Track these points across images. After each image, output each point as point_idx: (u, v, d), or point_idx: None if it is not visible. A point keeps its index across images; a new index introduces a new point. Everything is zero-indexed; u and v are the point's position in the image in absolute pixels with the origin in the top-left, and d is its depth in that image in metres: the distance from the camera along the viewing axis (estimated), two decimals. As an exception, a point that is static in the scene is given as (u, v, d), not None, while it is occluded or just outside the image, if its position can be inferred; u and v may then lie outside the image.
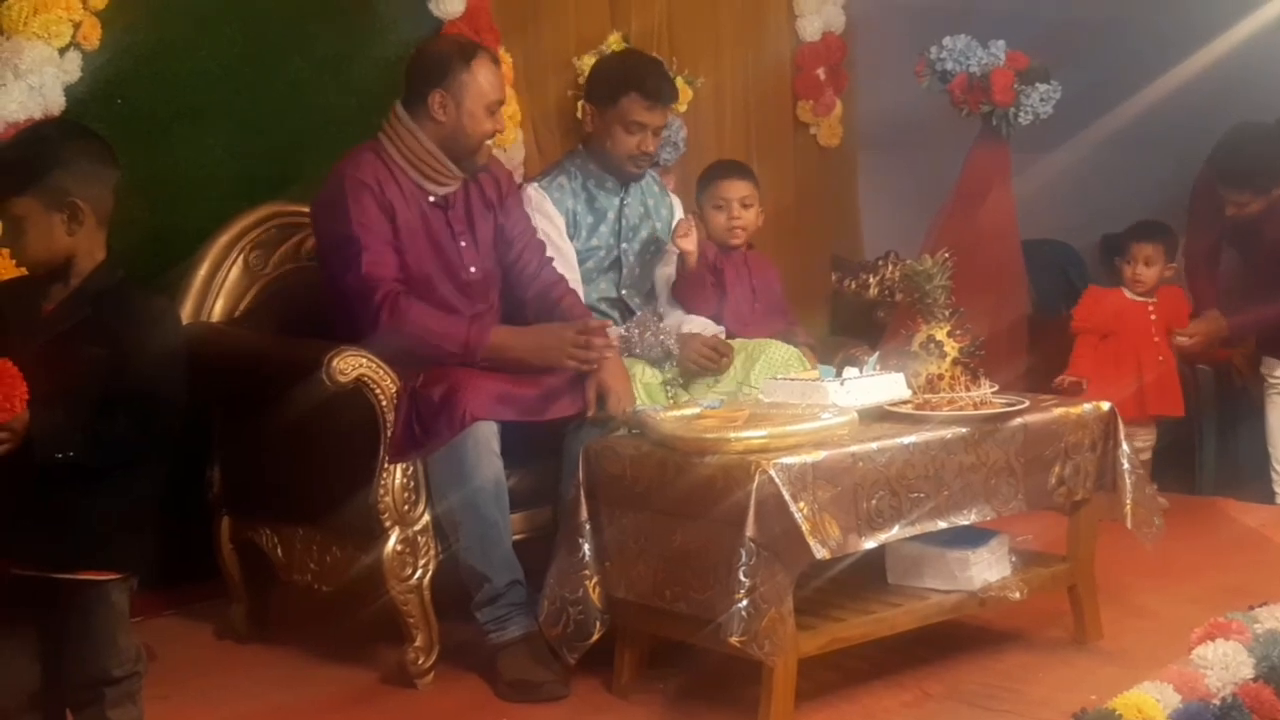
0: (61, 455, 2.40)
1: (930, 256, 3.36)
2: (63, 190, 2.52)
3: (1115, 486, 3.21)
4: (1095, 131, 4.97)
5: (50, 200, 2.51)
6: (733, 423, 2.88)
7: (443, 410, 3.05)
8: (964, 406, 3.04)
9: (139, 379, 2.47)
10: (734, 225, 3.87)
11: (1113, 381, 4.28)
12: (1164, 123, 4.96)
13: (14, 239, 2.58)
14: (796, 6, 5.24)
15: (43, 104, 3.45)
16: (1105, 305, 4.50)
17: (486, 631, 3.09)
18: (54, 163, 2.53)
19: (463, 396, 3.05)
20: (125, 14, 3.60)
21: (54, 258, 2.55)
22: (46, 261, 2.56)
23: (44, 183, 2.51)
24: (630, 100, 3.59)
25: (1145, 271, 4.46)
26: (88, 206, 2.54)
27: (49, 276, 2.58)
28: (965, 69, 4.51)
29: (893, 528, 2.85)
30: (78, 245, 2.55)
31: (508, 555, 3.09)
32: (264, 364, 3.34)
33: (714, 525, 2.73)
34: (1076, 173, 5.28)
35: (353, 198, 3.24)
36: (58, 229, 2.53)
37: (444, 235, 3.35)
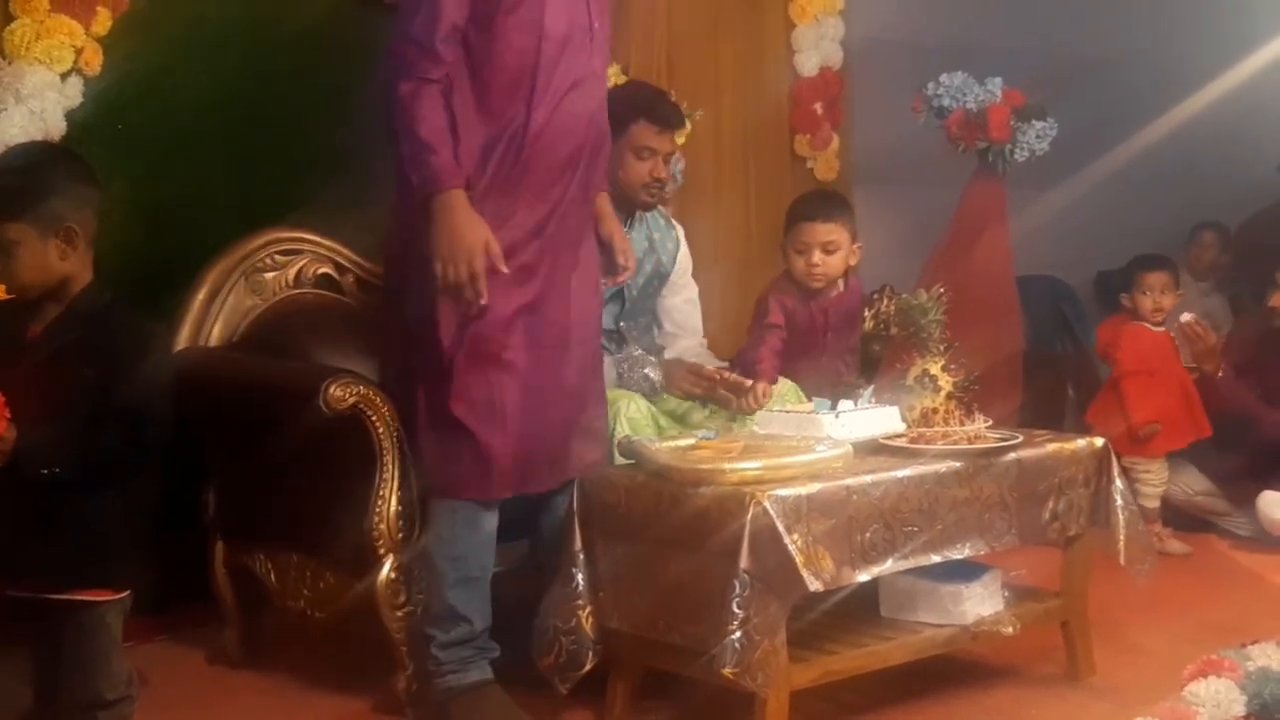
0: (48, 470, 2.41)
1: (925, 291, 3.38)
2: (58, 216, 2.54)
3: (1109, 522, 3.22)
4: (1090, 168, 5.00)
5: (45, 226, 2.53)
6: (728, 454, 2.89)
7: (472, 463, 2.91)
8: (958, 441, 3.05)
9: (126, 396, 2.49)
10: (813, 272, 3.73)
11: (1175, 419, 4.33)
12: (1159, 160, 5.00)
13: (5, 264, 2.59)
14: (794, 42, 5.27)
15: (44, 128, 3.46)
16: (1144, 342, 4.49)
17: (444, 672, 2.98)
18: (48, 189, 2.54)
19: (498, 461, 2.92)
20: (127, 40, 3.62)
21: (48, 282, 2.56)
22: (40, 285, 2.57)
23: (38, 209, 2.52)
24: (640, 127, 3.58)
25: (1163, 299, 4.46)
26: (80, 230, 2.56)
27: (39, 299, 2.59)
28: (962, 105, 4.54)
29: (886, 561, 2.85)
30: (70, 269, 2.57)
31: (488, 600, 3.04)
32: (260, 389, 3.34)
33: (708, 556, 2.73)
34: (1072, 209, 5.30)
35: None
36: (52, 254, 2.54)
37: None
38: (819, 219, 3.74)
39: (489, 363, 2.91)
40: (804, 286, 3.75)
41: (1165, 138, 4.87)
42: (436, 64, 2.88)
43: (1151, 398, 4.43)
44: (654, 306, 3.81)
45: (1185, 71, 4.89)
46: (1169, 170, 4.97)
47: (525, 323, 2.95)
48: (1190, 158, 4.95)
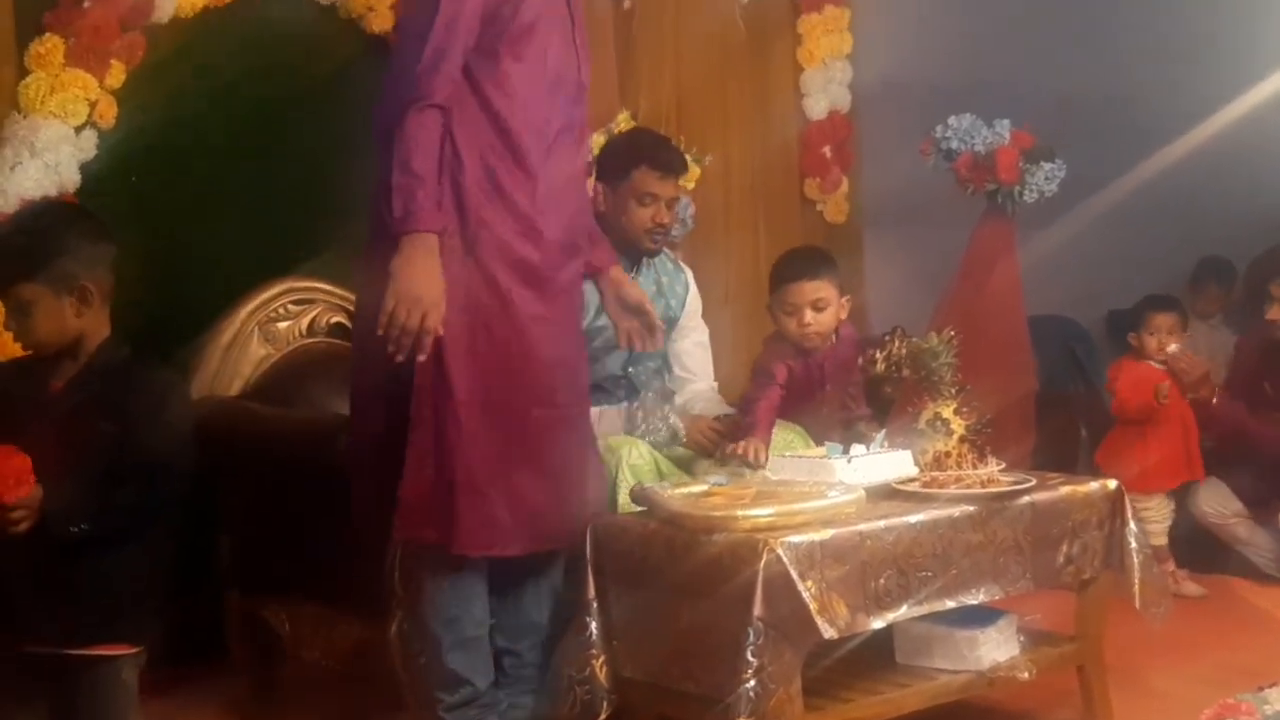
0: (76, 528, 2.43)
1: (936, 334, 3.38)
2: (72, 275, 2.56)
3: (1123, 566, 3.21)
4: (1100, 207, 5.00)
5: (60, 285, 2.55)
6: (740, 500, 2.88)
7: (469, 511, 2.81)
8: (971, 484, 3.04)
9: (147, 449, 2.51)
10: (806, 332, 3.67)
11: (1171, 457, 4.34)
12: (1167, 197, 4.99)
13: (21, 323, 2.61)
14: (803, 86, 5.31)
15: (58, 181, 3.50)
16: (1149, 384, 4.47)
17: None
18: (60, 249, 2.57)
19: (496, 512, 2.82)
20: (140, 93, 3.67)
21: (64, 340, 2.59)
22: (56, 343, 2.60)
23: (52, 268, 2.55)
24: (642, 173, 3.60)
25: (1169, 339, 4.46)
26: (95, 287, 2.58)
27: (56, 356, 2.61)
28: (970, 148, 4.55)
29: (901, 607, 2.84)
30: (86, 325, 2.59)
31: (489, 658, 3.00)
32: (276, 439, 3.36)
33: (721, 604, 2.72)
34: (1081, 248, 5.30)
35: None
36: (68, 312, 2.56)
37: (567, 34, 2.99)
38: (805, 278, 3.67)
39: (483, 418, 2.83)
40: (798, 346, 3.74)
41: (1173, 174, 4.87)
42: (441, 92, 2.78)
43: (1143, 439, 4.43)
44: (664, 350, 3.81)
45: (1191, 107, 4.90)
46: (1177, 207, 4.97)
47: (519, 378, 2.88)
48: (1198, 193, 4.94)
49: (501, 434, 2.85)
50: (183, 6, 3.69)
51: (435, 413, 2.80)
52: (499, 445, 2.85)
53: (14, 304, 2.62)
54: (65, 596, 2.46)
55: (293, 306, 3.76)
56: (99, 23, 3.51)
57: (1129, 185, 4.97)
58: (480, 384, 2.82)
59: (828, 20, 5.28)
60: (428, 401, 2.79)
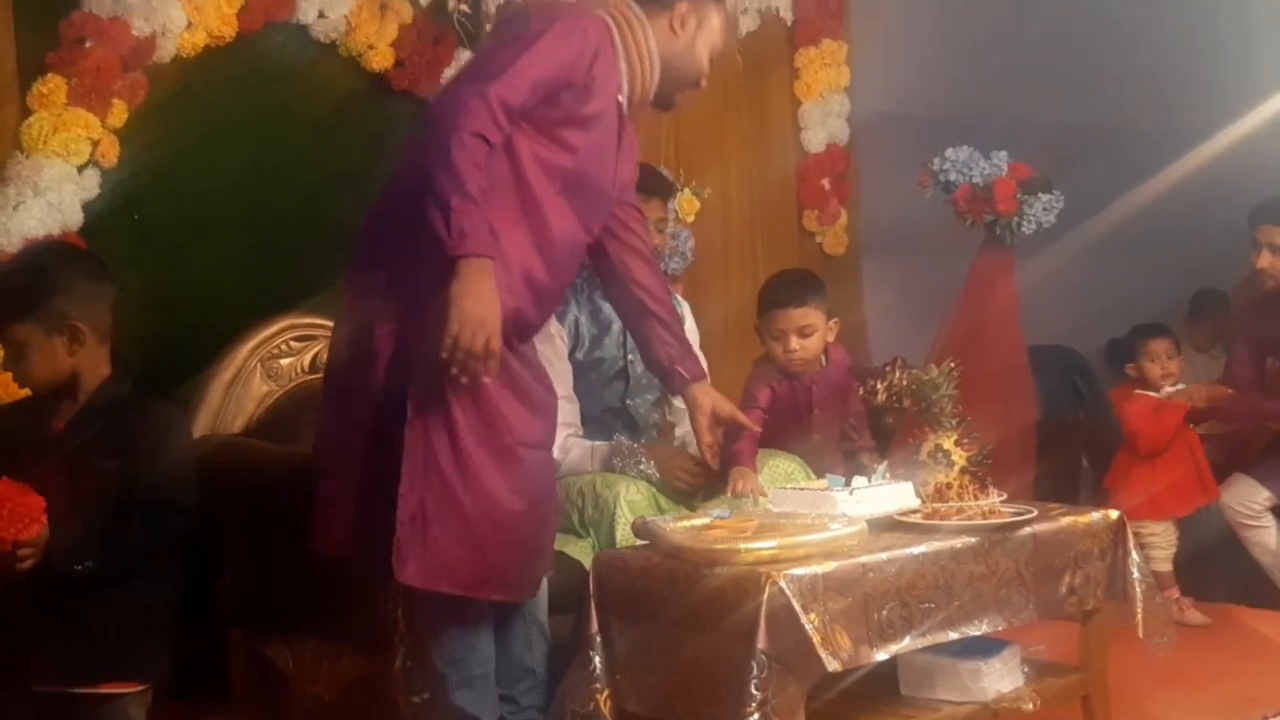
0: (81, 566, 2.44)
1: (936, 366, 3.39)
2: (62, 314, 2.59)
3: (1126, 595, 3.21)
4: (1098, 238, 5.02)
5: (51, 325, 2.58)
6: (742, 533, 2.88)
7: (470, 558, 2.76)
8: (973, 516, 3.04)
9: (151, 486, 2.52)
10: (792, 358, 3.69)
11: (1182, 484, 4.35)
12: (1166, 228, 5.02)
13: (17, 363, 2.64)
14: (801, 119, 5.34)
15: (61, 220, 3.52)
16: (1153, 412, 4.47)
17: None
18: (52, 289, 2.60)
19: (494, 556, 2.78)
20: (143, 132, 3.69)
21: (58, 379, 2.61)
22: (51, 383, 2.62)
23: (43, 308, 2.58)
24: None
25: (1170, 365, 4.46)
26: (87, 327, 2.61)
27: (55, 396, 2.63)
28: (968, 179, 4.58)
29: (904, 639, 2.84)
30: (80, 364, 2.61)
31: (495, 696, 2.97)
32: (278, 475, 3.35)
33: (725, 637, 2.72)
34: (1081, 278, 5.33)
35: (565, 31, 2.78)
36: (59, 352, 2.59)
37: (612, 140, 2.99)
38: (791, 305, 3.68)
39: (493, 457, 2.79)
40: (785, 372, 3.74)
41: (1170, 204, 4.90)
42: (500, 130, 2.71)
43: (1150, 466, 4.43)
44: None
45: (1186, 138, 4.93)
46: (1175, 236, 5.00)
47: (516, 421, 2.84)
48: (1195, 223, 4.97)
49: (499, 477, 2.81)
50: (184, 46, 3.72)
51: (429, 456, 2.74)
52: (496, 489, 2.81)
53: (9, 345, 2.65)
54: (72, 635, 2.47)
55: (295, 343, 3.76)
56: (101, 63, 3.53)
57: (1127, 216, 5.00)
58: (475, 426, 2.78)
59: (825, 54, 5.31)
60: (422, 445, 2.74)
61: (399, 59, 4.19)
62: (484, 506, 2.78)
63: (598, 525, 3.30)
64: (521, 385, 2.87)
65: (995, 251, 4.67)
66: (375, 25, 4.10)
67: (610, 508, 3.26)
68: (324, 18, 4.01)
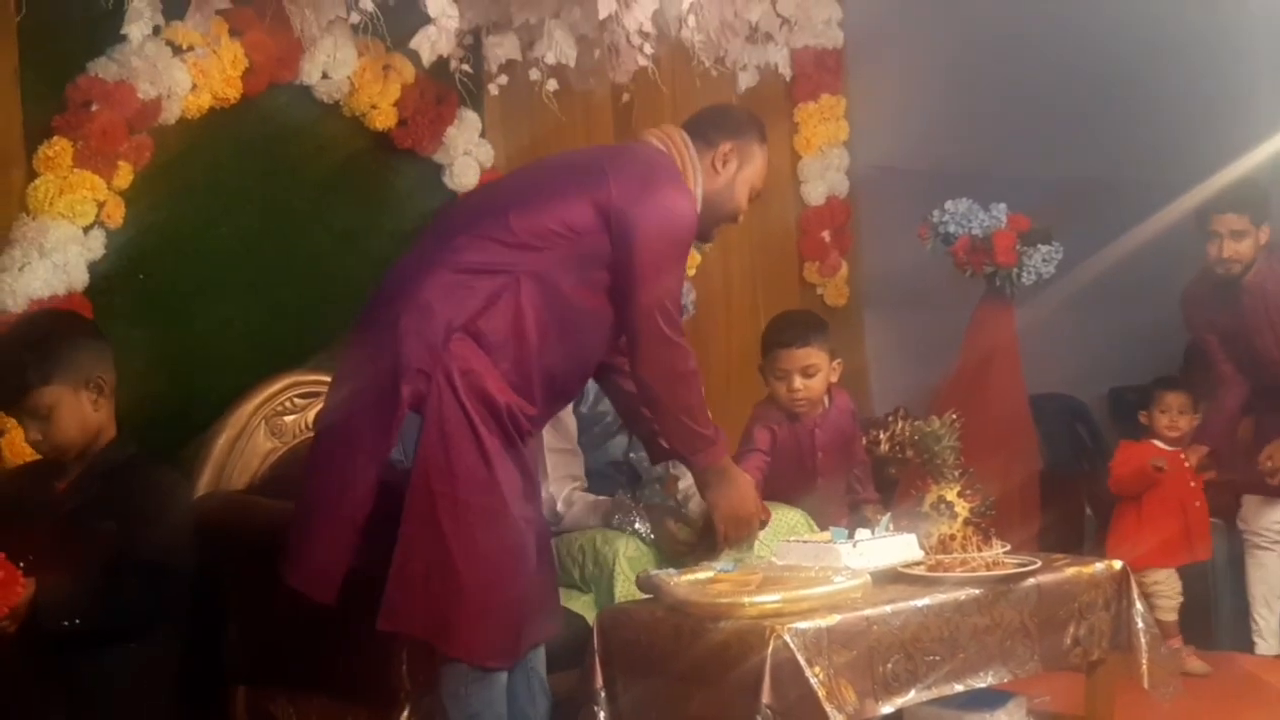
0: (68, 623, 2.44)
1: (938, 418, 3.40)
2: (85, 369, 2.60)
3: (1131, 646, 3.21)
4: (1099, 287, 5.05)
5: (77, 381, 2.59)
6: (746, 587, 2.89)
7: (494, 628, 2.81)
8: (976, 567, 3.05)
9: (147, 548, 2.53)
10: (796, 398, 3.73)
11: (1169, 537, 4.31)
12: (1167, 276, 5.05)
13: (43, 429, 2.64)
14: (800, 173, 5.36)
15: (67, 281, 3.53)
16: (1141, 462, 4.47)
17: None
18: (70, 347, 2.61)
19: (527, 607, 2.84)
20: (148, 193, 3.71)
21: (87, 436, 2.63)
22: (81, 441, 2.63)
23: (66, 368, 2.59)
24: None
25: (1180, 419, 4.47)
26: (106, 380, 2.62)
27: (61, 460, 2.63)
28: (968, 231, 4.61)
29: (909, 691, 2.84)
30: (103, 419, 2.62)
31: None
32: (282, 531, 3.35)
33: (729, 691, 2.73)
34: (1082, 327, 5.35)
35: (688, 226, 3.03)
36: (87, 407, 2.61)
37: None
38: (795, 345, 3.72)
39: (512, 526, 2.85)
40: (788, 412, 3.76)
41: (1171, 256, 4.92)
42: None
43: (1137, 515, 4.43)
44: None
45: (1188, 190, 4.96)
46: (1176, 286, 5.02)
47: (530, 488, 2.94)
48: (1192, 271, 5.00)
49: (510, 541, 2.85)
50: (189, 108, 3.75)
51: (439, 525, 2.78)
52: (506, 551, 2.84)
53: (32, 412, 2.65)
54: (67, 696, 2.47)
55: (298, 400, 3.78)
56: (107, 126, 3.56)
57: (1127, 264, 5.03)
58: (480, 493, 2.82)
59: (824, 109, 5.35)
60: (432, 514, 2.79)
61: (402, 118, 4.23)
62: (510, 575, 2.82)
63: (598, 582, 3.30)
64: (527, 471, 2.92)
65: (995, 302, 4.69)
66: (378, 85, 4.14)
67: (609, 565, 3.27)
68: (327, 78, 4.05)
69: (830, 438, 3.82)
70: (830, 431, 3.82)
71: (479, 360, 2.84)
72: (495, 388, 2.83)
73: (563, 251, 2.93)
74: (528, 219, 2.94)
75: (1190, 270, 4.78)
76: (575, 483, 3.52)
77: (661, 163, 3.08)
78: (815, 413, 3.78)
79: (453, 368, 2.80)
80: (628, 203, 2.93)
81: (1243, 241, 4.42)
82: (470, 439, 2.80)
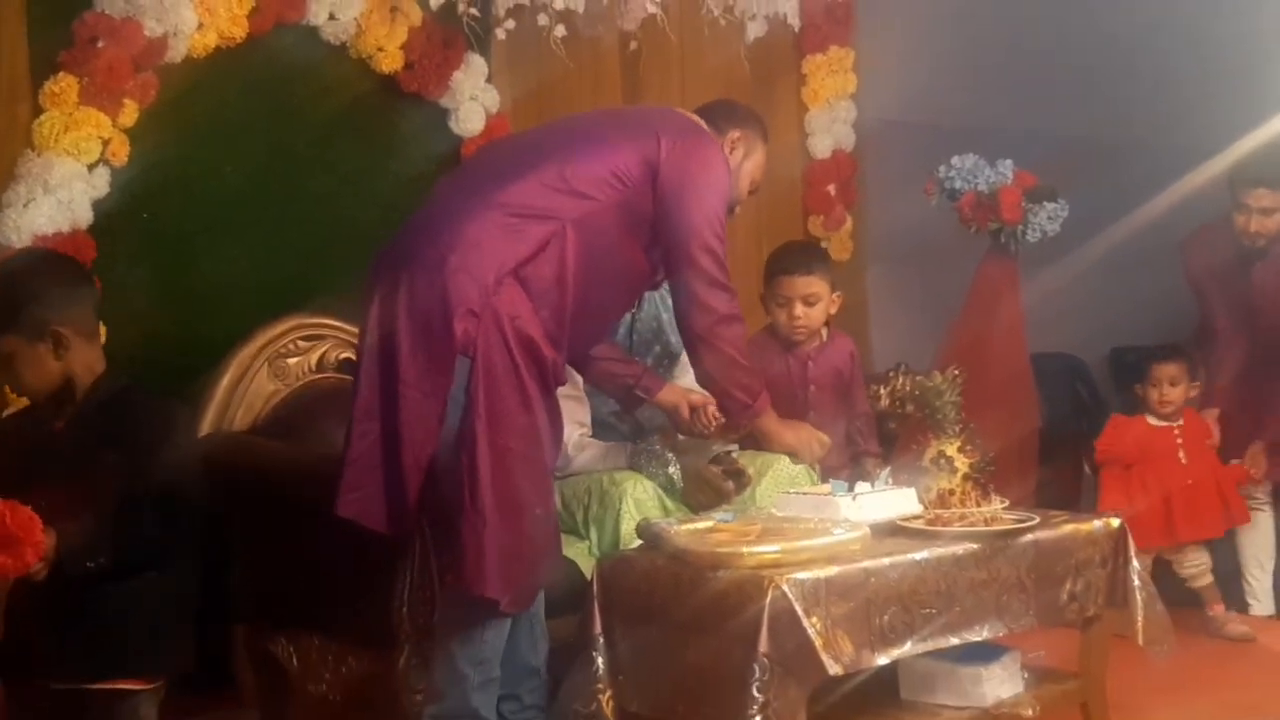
0: (93, 564, 2.45)
1: (940, 373, 3.41)
2: (42, 322, 2.61)
3: (1126, 603, 3.23)
4: (1102, 247, 5.03)
5: (32, 333, 2.60)
6: (746, 537, 2.90)
7: (521, 575, 2.85)
8: (975, 522, 3.06)
9: (158, 479, 2.53)
10: (796, 325, 3.81)
11: (1149, 516, 4.26)
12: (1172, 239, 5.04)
13: (7, 376, 2.66)
14: (807, 125, 5.35)
15: (71, 218, 3.53)
16: (1128, 435, 4.47)
17: None
18: (27, 297, 2.62)
19: (537, 568, 2.89)
20: (153, 132, 3.69)
21: (50, 385, 2.64)
22: (44, 390, 2.65)
23: (21, 318, 2.60)
24: None
25: (1171, 392, 4.42)
26: (69, 330, 2.63)
27: (53, 399, 2.65)
28: (973, 187, 4.60)
29: (905, 643, 2.86)
30: (71, 366, 2.64)
31: (495, 704, 3.02)
32: (283, 473, 3.37)
33: (727, 640, 2.74)
34: (1085, 287, 5.34)
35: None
36: (46, 359, 2.62)
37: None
38: (798, 272, 3.80)
39: (545, 473, 2.93)
40: (786, 340, 3.79)
41: (1176, 216, 4.91)
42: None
43: (1120, 488, 4.40)
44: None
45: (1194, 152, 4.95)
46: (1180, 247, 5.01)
47: (558, 435, 3.00)
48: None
49: (541, 487, 2.91)
50: (195, 47, 3.73)
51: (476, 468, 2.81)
52: (537, 497, 2.90)
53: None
54: (84, 632, 2.48)
55: (301, 343, 3.78)
56: (113, 62, 3.54)
57: (1132, 226, 5.01)
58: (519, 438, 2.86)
59: (832, 61, 5.32)
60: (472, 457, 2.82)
61: (408, 61, 4.20)
62: (539, 520, 2.88)
63: (601, 521, 3.32)
64: (557, 420, 2.98)
65: (1000, 259, 4.69)
66: (385, 28, 4.11)
67: (616, 504, 3.28)
68: (334, 20, 4.02)
69: (824, 372, 3.86)
70: (824, 367, 3.86)
71: (524, 306, 2.87)
72: (539, 335, 2.87)
73: (609, 202, 2.98)
74: (578, 166, 2.99)
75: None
76: (582, 429, 3.53)
77: (702, 128, 3.19)
78: (811, 345, 3.82)
79: (501, 311, 2.84)
80: (678, 157, 3.03)
81: (1272, 217, 4.44)
82: (515, 385, 2.84)
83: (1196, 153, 4.79)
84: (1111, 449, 4.46)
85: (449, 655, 2.92)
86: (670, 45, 4.87)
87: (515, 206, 2.93)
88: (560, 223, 2.93)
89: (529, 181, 2.97)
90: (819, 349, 3.86)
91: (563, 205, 2.94)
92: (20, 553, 2.34)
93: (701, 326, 3.11)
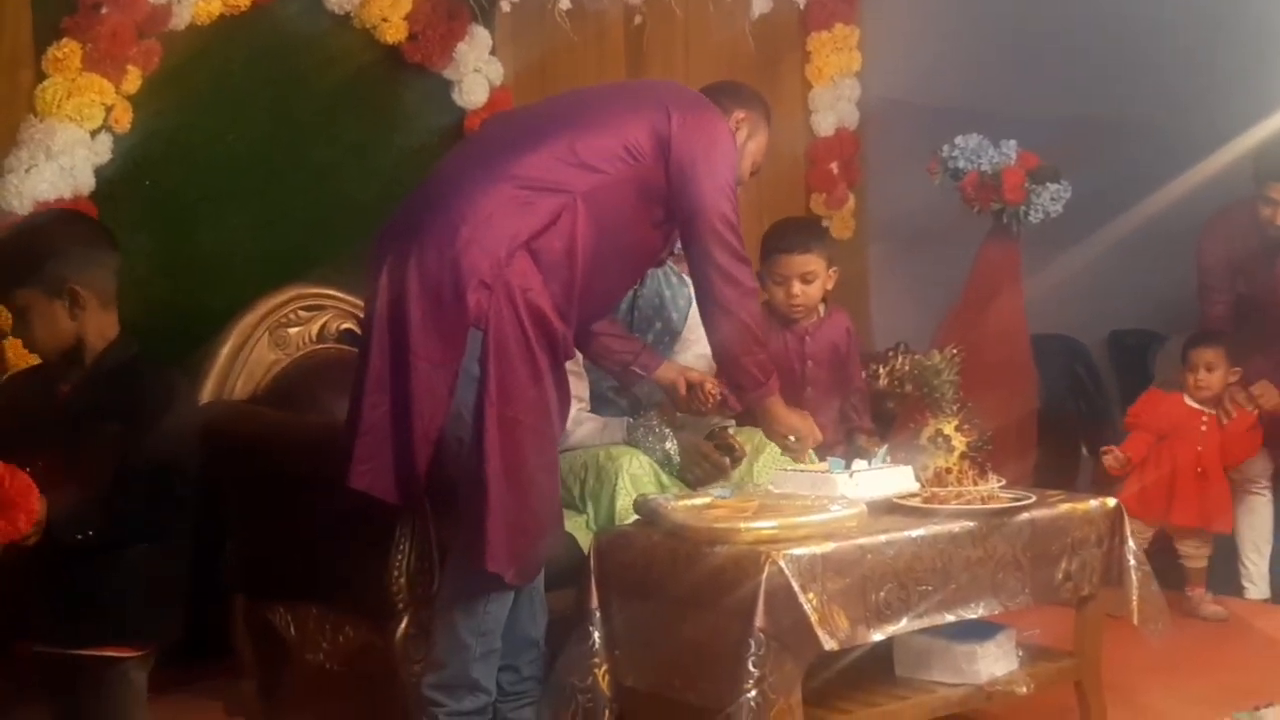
0: (82, 535, 2.45)
1: (939, 352, 3.41)
2: (60, 278, 2.61)
3: (1122, 582, 3.23)
4: (1104, 229, 5.02)
5: (50, 289, 2.61)
6: (743, 513, 2.91)
7: (524, 548, 2.86)
8: (971, 500, 3.07)
9: (153, 452, 2.53)
10: (793, 303, 3.81)
11: (1157, 490, 4.28)
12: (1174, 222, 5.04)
13: (22, 329, 2.67)
14: (811, 103, 5.34)
15: (73, 184, 3.53)
16: (1160, 406, 4.46)
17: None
18: (49, 252, 2.63)
19: (541, 547, 2.90)
20: (156, 99, 3.70)
21: (62, 343, 2.63)
22: (56, 348, 2.65)
23: (42, 273, 2.60)
24: None
25: (1207, 377, 4.38)
26: (87, 291, 2.63)
27: (63, 361, 2.65)
28: (977, 167, 4.59)
29: (901, 620, 2.87)
30: (84, 328, 2.64)
31: (495, 674, 3.04)
32: (283, 442, 3.38)
33: (723, 615, 2.75)
34: (1086, 268, 5.33)
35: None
36: (61, 316, 2.61)
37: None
38: (796, 251, 3.80)
39: (552, 446, 2.94)
40: (784, 317, 3.80)
41: (1179, 200, 4.90)
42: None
43: (1144, 450, 4.38)
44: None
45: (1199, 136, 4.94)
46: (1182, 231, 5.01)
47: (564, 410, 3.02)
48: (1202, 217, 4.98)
49: (548, 461, 2.93)
50: (199, 14, 3.73)
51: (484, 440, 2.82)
52: (544, 471, 2.91)
53: (14, 311, 2.68)
54: (74, 599, 2.49)
55: (302, 312, 3.78)
56: (116, 29, 3.54)
57: (1134, 208, 5.00)
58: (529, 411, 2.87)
59: (837, 38, 5.31)
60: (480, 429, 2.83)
61: (413, 32, 4.20)
62: (546, 494, 2.90)
63: (598, 496, 3.32)
64: (565, 393, 3.00)
65: (1001, 240, 4.68)
66: (390, -1, 4.11)
67: (612, 479, 3.29)
68: (339, -11, 4.02)
69: (820, 348, 3.87)
70: (821, 342, 3.87)
71: (535, 279, 2.87)
72: (549, 308, 2.88)
73: (619, 176, 2.98)
74: (589, 139, 2.98)
75: (1201, 216, 4.76)
76: (580, 403, 3.54)
77: (709, 102, 3.18)
78: (809, 321, 3.83)
79: (513, 284, 2.84)
80: (689, 130, 3.01)
81: None
82: (526, 357, 2.84)
83: (1202, 136, 4.77)
84: (1140, 417, 4.45)
85: (451, 625, 2.93)
86: (675, 20, 4.86)
87: (526, 179, 2.92)
88: (571, 196, 2.92)
89: (540, 154, 2.96)
90: (816, 325, 3.87)
91: (573, 178, 2.94)
92: (14, 517, 2.35)
93: (727, 297, 3.08)
